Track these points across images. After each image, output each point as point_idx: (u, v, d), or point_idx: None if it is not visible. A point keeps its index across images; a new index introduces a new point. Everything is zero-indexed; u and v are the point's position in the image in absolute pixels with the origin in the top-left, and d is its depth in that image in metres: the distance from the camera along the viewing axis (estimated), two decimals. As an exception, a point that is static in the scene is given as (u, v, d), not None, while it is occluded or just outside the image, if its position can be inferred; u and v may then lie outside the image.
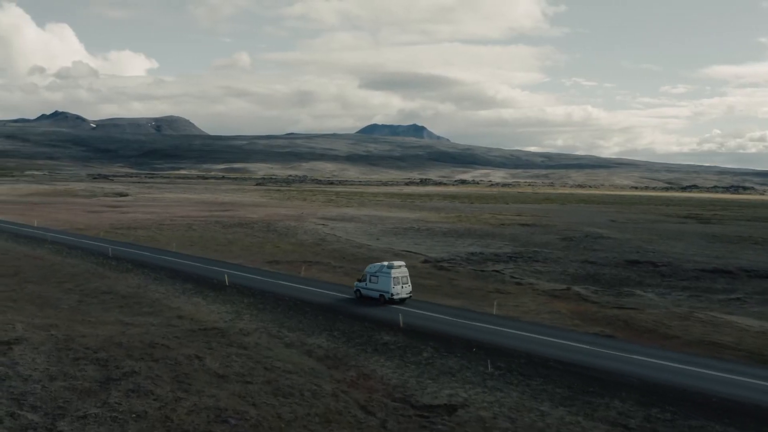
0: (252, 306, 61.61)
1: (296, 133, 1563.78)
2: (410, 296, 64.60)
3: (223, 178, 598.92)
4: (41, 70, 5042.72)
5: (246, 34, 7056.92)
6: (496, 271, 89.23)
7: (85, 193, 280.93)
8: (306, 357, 46.30)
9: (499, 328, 54.53)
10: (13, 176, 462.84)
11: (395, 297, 62.83)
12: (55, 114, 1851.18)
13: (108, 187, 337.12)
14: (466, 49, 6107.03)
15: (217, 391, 37.59)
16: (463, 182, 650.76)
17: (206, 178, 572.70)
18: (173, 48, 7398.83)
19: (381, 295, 63.29)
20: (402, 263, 66.24)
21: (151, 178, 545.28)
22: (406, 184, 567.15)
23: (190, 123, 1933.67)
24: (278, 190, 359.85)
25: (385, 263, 64.96)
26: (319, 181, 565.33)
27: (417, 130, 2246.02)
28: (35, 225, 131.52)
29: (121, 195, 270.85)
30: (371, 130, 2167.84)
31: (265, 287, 70.13)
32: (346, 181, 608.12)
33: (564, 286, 78.34)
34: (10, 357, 41.79)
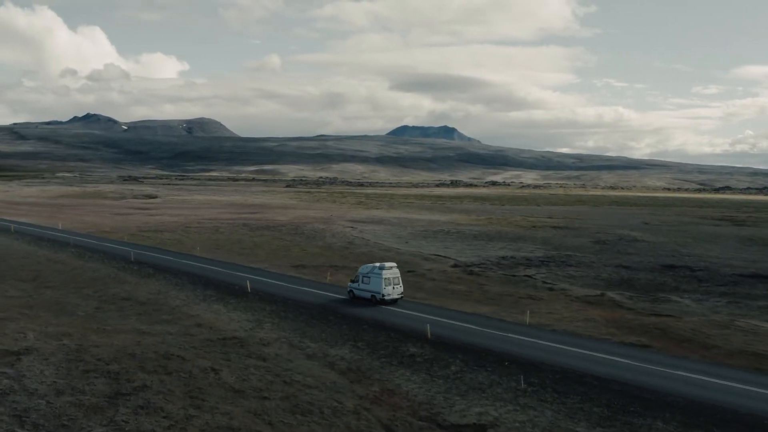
0: (274, 314, 59.65)
1: (327, 135, 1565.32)
2: (402, 297, 65.02)
3: (254, 179, 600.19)
4: (73, 73, 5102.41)
5: (276, 36, 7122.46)
6: (528, 276, 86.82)
7: (114, 195, 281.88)
8: (328, 370, 44.20)
9: (532, 339, 51.94)
10: (43, 178, 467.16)
11: (386, 297, 63.35)
12: (87, 116, 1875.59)
13: (137, 189, 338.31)
14: (496, 50, 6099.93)
15: (231, 408, 35.62)
16: (494, 184, 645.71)
17: (236, 180, 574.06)
18: (204, 50, 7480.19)
19: (373, 296, 63.92)
20: (393, 264, 66.22)
21: (182, 180, 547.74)
22: (437, 185, 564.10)
23: (221, 125, 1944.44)
24: (308, 192, 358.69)
25: (377, 264, 65.25)
26: (349, 183, 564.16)
27: (448, 131, 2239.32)
28: (60, 227, 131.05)
29: (150, 197, 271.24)
30: (402, 131, 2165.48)
31: (288, 294, 68.33)
32: (377, 182, 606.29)
33: (598, 292, 75.78)
34: (18, 369, 40.22)
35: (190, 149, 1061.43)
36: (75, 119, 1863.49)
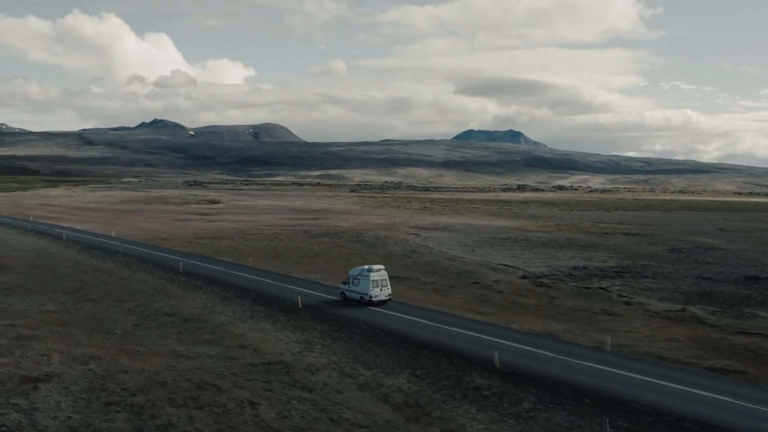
0: (325, 334, 54.84)
1: (392, 140, 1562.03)
2: (389, 298, 66.99)
3: (318, 184, 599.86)
4: (140, 79, 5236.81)
5: (341, 42, 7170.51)
6: (602, 288, 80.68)
7: (177, 200, 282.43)
8: (381, 404, 39.10)
9: (613, 369, 45.73)
10: (109, 183, 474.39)
11: (374, 299, 65.60)
12: (155, 122, 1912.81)
13: (201, 194, 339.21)
14: (562, 54, 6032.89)
15: (265, 454, 30.88)
16: (561, 188, 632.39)
17: (301, 185, 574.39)
18: (270, 56, 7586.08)
19: (361, 297, 66.23)
20: (381, 267, 68.53)
21: (246, 184, 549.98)
22: (503, 190, 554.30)
23: (287, 130, 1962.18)
24: (372, 196, 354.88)
25: (366, 267, 67.81)
26: (414, 188, 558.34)
27: (514, 135, 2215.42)
28: (113, 235, 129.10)
29: (213, 202, 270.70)
30: (467, 136, 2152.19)
31: (342, 311, 63.66)
32: (442, 187, 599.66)
33: (678, 307, 69.74)
34: (32, 399, 36.29)
35: (256, 154, 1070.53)
36: (143, 125, 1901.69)
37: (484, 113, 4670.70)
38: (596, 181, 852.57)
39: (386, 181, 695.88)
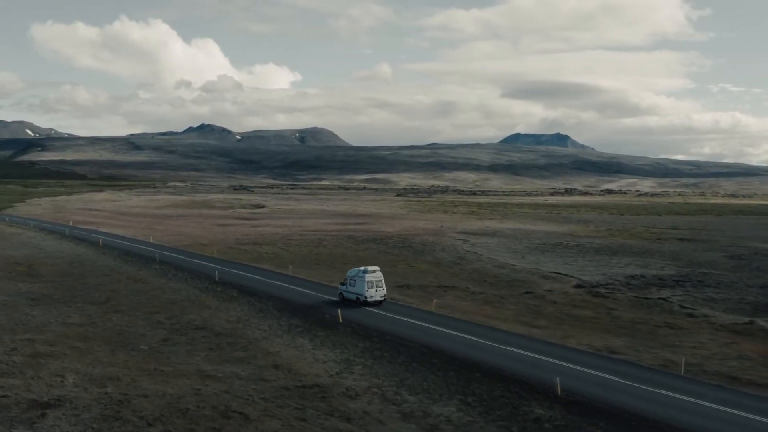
0: (367, 352, 50.53)
1: (438, 143, 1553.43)
2: (385, 299, 68.71)
3: (364, 188, 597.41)
4: (187, 84, 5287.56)
5: (386, 46, 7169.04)
6: (662, 298, 75.86)
7: (222, 204, 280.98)
8: (428, 438, 34.79)
9: (691, 399, 40.68)
10: (154, 187, 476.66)
11: (369, 299, 67.24)
12: (202, 126, 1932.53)
13: (246, 198, 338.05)
14: (608, 56, 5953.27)
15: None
16: (610, 192, 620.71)
17: (347, 189, 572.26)
18: (315, 61, 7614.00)
19: (357, 297, 68.03)
20: (376, 268, 70.54)
21: (292, 189, 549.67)
22: (551, 194, 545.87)
23: (334, 134, 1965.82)
24: (418, 201, 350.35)
25: (362, 268, 69.65)
26: (461, 192, 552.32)
27: (561, 139, 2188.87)
28: (151, 241, 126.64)
29: (258, 207, 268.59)
30: (514, 139, 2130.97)
31: (386, 325, 59.24)
32: (489, 191, 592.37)
33: (746, 319, 65.05)
34: (37, 429, 32.59)
35: (303, 158, 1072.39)
36: (190, 130, 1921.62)
37: (530, 116, 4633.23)
38: (645, 185, 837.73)
39: (433, 185, 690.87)
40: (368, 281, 67.45)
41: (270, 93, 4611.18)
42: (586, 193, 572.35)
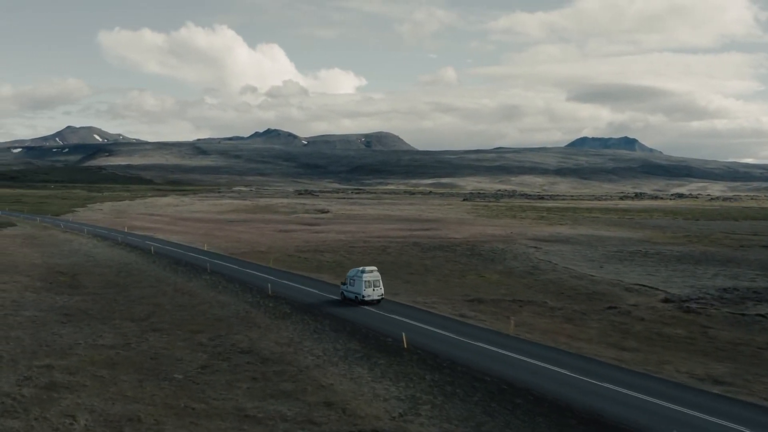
0: (436, 388, 42.75)
1: (504, 147, 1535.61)
2: (382, 298, 70.80)
3: (431, 192, 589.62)
4: (253, 90, 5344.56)
5: (451, 50, 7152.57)
6: (761, 315, 67.25)
7: (286, 209, 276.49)
8: None
9: None
10: (219, 192, 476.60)
11: (366, 298, 69.71)
12: (268, 131, 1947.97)
13: (310, 203, 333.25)
14: (676, 59, 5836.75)
15: None
16: (680, 196, 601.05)
17: (413, 193, 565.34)
18: (380, 65, 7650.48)
19: (356, 296, 70.53)
20: (374, 268, 72.41)
21: (357, 193, 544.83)
22: (621, 198, 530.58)
23: (399, 138, 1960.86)
24: (485, 205, 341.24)
25: (360, 268, 71.92)
26: (528, 196, 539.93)
27: (628, 142, 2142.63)
28: (205, 248, 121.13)
29: (322, 212, 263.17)
30: (581, 143, 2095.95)
31: (459, 354, 51.07)
32: (557, 195, 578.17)
33: None
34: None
35: (368, 162, 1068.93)
36: (256, 134, 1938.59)
37: (597, 120, 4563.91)
38: (716, 189, 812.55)
39: (499, 190, 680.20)
40: (366, 281, 69.99)
41: (335, 98, 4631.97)
42: (656, 197, 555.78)
